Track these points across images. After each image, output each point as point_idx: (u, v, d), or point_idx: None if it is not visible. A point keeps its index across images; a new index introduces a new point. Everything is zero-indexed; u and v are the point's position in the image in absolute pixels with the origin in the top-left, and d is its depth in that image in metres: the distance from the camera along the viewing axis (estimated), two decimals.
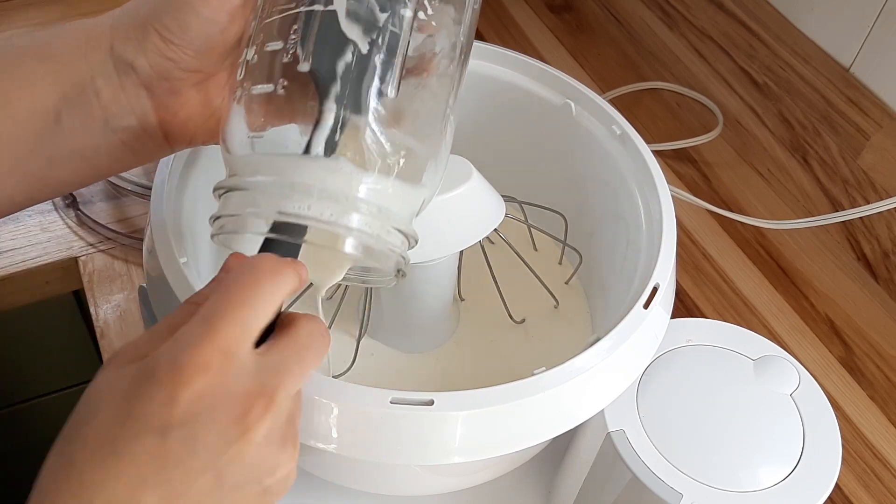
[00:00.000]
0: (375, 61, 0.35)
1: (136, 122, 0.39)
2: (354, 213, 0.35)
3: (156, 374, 0.30)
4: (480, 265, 0.55)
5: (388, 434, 0.40)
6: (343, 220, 0.35)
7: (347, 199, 0.35)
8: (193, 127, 0.40)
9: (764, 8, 0.79)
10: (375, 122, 0.35)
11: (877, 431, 0.65)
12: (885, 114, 0.70)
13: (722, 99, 0.87)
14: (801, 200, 0.80)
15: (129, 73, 0.38)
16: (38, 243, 0.71)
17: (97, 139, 0.39)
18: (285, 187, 0.35)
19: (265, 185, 0.35)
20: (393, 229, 0.36)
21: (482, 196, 0.49)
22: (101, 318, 0.68)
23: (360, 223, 0.35)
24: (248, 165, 0.36)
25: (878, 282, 0.74)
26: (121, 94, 0.39)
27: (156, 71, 0.38)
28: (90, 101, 0.38)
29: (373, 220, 0.35)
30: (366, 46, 0.35)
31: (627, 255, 0.52)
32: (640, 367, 0.46)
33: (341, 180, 0.35)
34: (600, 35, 0.99)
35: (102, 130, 0.39)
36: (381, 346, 0.55)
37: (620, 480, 0.45)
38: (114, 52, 0.38)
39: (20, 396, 0.89)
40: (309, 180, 0.35)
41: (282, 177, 0.35)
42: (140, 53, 0.38)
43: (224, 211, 0.36)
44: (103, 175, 0.42)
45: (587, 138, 0.56)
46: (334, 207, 0.34)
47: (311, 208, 0.34)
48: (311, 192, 0.34)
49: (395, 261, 0.37)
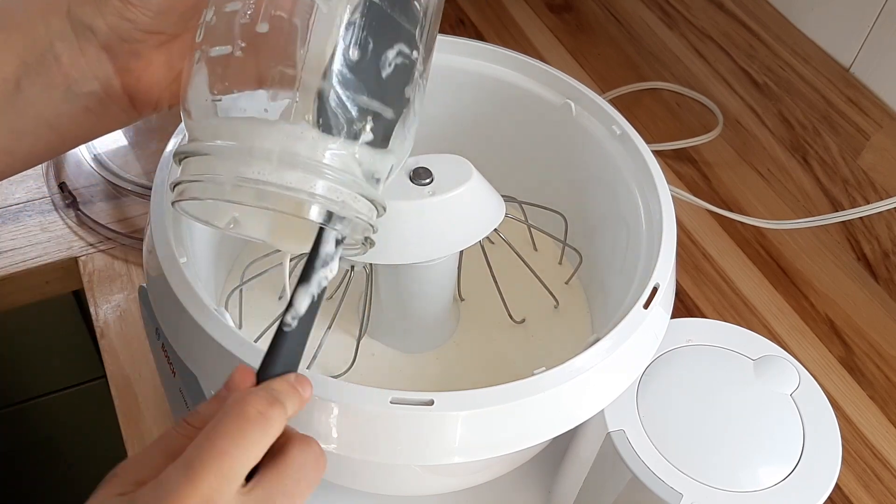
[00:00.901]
0: (338, 21, 0.34)
1: (99, 86, 0.39)
2: (318, 180, 0.34)
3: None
4: (480, 265, 0.55)
5: (388, 434, 0.40)
6: (306, 186, 0.34)
7: (311, 165, 0.34)
8: (158, 90, 0.40)
9: (764, 8, 0.79)
10: (339, 86, 0.34)
11: (877, 431, 0.65)
12: (885, 114, 0.70)
13: (722, 99, 0.87)
14: (801, 200, 0.80)
15: (88, 37, 0.37)
16: (38, 243, 0.71)
17: (60, 106, 0.39)
18: (245, 153, 0.33)
19: (225, 150, 0.34)
20: (360, 196, 0.35)
21: (482, 196, 0.49)
22: (101, 318, 0.67)
23: (325, 189, 0.34)
24: (208, 130, 0.35)
25: (878, 282, 0.74)
26: (81, 58, 0.38)
27: (115, 33, 0.37)
28: (50, 66, 0.38)
29: (338, 187, 0.34)
30: (326, 6, 0.34)
31: (627, 255, 0.52)
32: (640, 367, 0.46)
33: (304, 145, 0.34)
34: (600, 35, 0.99)
35: (65, 96, 0.38)
36: (381, 346, 0.55)
37: (620, 480, 0.45)
38: (71, 14, 0.37)
39: (20, 396, 0.89)
40: (270, 145, 0.33)
41: (242, 142, 0.34)
42: (98, 15, 0.37)
43: (183, 176, 0.35)
44: (71, 144, 0.41)
45: (587, 138, 0.56)
46: (296, 174, 0.33)
47: (271, 174, 0.33)
48: (271, 157, 0.33)
49: (363, 228, 0.36)
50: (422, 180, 0.47)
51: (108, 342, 0.66)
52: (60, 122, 0.39)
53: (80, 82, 0.38)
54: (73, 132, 0.40)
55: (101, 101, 0.39)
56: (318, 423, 0.40)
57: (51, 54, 0.38)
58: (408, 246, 0.47)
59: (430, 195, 0.46)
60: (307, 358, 0.51)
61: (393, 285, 0.52)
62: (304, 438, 0.33)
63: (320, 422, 0.40)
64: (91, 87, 0.39)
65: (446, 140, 0.61)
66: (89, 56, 0.38)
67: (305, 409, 0.40)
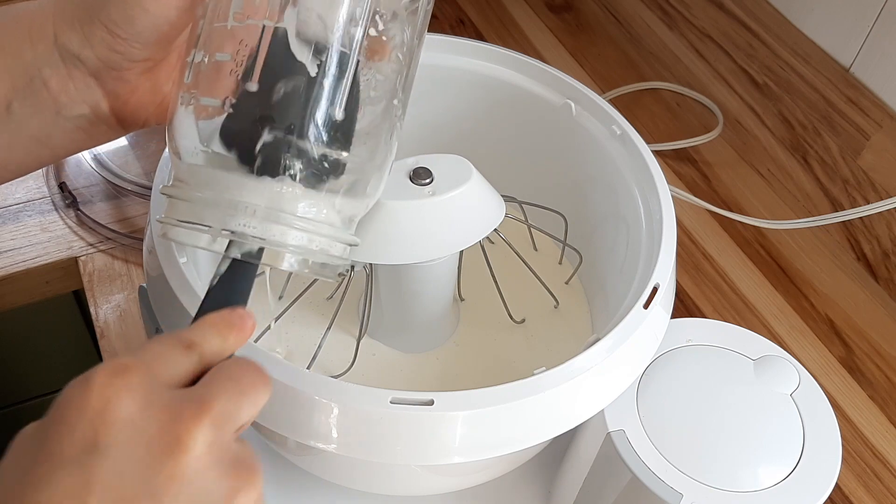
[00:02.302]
0: (324, 84, 0.35)
1: (89, 110, 0.39)
2: (298, 233, 0.36)
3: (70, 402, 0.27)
4: (480, 265, 0.55)
5: (388, 434, 0.40)
6: (287, 240, 0.35)
7: (291, 218, 0.35)
8: (146, 113, 0.40)
9: (764, 8, 0.79)
10: (321, 144, 0.36)
11: (877, 431, 0.65)
12: (885, 114, 0.70)
13: (722, 99, 0.87)
14: (801, 200, 0.80)
15: (76, 64, 0.38)
16: (38, 243, 0.71)
17: (50, 126, 0.39)
18: (230, 206, 0.35)
19: (212, 201, 0.35)
20: (336, 242, 0.37)
21: (482, 196, 0.49)
22: (101, 318, 0.67)
23: (304, 240, 0.36)
24: (196, 176, 0.36)
25: (878, 282, 0.74)
26: (69, 83, 0.38)
27: (103, 62, 0.38)
28: (39, 91, 0.38)
29: (316, 237, 0.36)
30: (314, 69, 0.35)
31: (627, 255, 0.52)
32: (640, 367, 0.46)
33: (286, 200, 0.35)
34: (600, 35, 0.99)
35: (55, 119, 0.39)
36: (381, 346, 0.55)
37: (620, 480, 0.45)
38: (58, 42, 0.38)
39: (20, 396, 0.89)
40: (254, 200, 0.35)
41: (228, 194, 0.35)
42: (86, 45, 0.37)
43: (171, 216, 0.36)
44: (63, 156, 0.42)
45: (587, 138, 0.56)
46: (279, 227, 0.35)
47: (255, 228, 0.35)
48: (255, 212, 0.35)
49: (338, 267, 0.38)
50: (422, 180, 0.47)
51: (108, 342, 0.66)
52: (51, 140, 0.40)
53: (69, 106, 0.39)
54: (63, 147, 0.41)
55: (91, 122, 0.40)
56: (318, 424, 0.40)
57: (39, 80, 0.38)
58: (408, 246, 0.47)
59: (430, 195, 0.46)
60: (307, 358, 0.51)
61: (393, 285, 0.52)
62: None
63: (320, 422, 0.40)
64: (80, 111, 0.39)
65: (446, 140, 0.61)
66: (77, 82, 0.38)
67: (306, 409, 0.40)
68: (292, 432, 0.41)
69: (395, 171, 0.47)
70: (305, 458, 0.50)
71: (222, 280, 0.35)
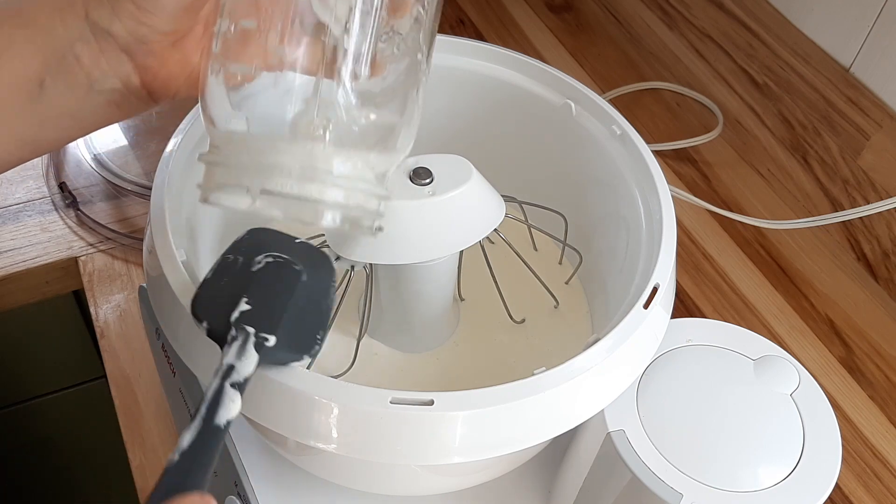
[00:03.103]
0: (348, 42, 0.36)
1: (120, 84, 0.40)
2: (335, 189, 0.36)
3: None
4: (480, 265, 0.55)
5: (388, 434, 0.39)
6: (325, 197, 0.36)
7: (327, 176, 0.36)
8: (175, 84, 0.41)
9: (764, 8, 0.79)
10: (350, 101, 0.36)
11: (877, 431, 0.65)
12: (885, 114, 0.70)
13: (722, 99, 0.87)
14: (801, 200, 0.80)
15: (107, 38, 0.38)
16: (38, 243, 0.71)
17: (83, 101, 0.40)
18: (267, 168, 0.36)
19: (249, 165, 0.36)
20: (372, 196, 0.38)
21: (482, 196, 0.49)
22: (101, 318, 0.68)
23: (341, 197, 0.36)
24: (231, 142, 0.37)
25: (878, 282, 0.74)
26: (101, 58, 0.39)
27: (132, 36, 0.38)
28: (72, 66, 0.38)
29: (353, 193, 0.37)
30: (338, 28, 0.36)
31: (627, 255, 0.52)
32: (640, 367, 0.46)
33: (320, 159, 0.36)
34: (600, 35, 0.99)
35: (87, 93, 0.39)
36: (381, 346, 0.55)
37: (620, 480, 0.45)
38: (89, 18, 0.38)
39: (20, 396, 0.89)
40: (289, 161, 0.36)
41: (263, 158, 0.36)
42: (115, 19, 0.38)
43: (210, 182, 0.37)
44: (92, 130, 0.42)
45: (587, 138, 0.56)
46: (315, 186, 0.36)
47: (293, 187, 0.35)
48: (291, 172, 0.35)
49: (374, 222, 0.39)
50: (422, 180, 0.47)
51: (108, 342, 0.66)
52: (83, 114, 0.40)
53: (101, 81, 0.39)
54: (93, 121, 0.41)
55: (122, 96, 0.40)
56: (318, 424, 0.40)
57: (72, 55, 0.38)
58: (408, 246, 0.47)
59: (430, 195, 0.46)
60: None
61: (393, 285, 0.52)
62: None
63: (320, 422, 0.40)
64: (112, 85, 0.40)
65: (446, 140, 0.61)
66: (109, 56, 0.39)
67: (306, 409, 0.40)
68: (292, 432, 0.41)
69: (395, 171, 0.47)
70: (305, 458, 0.50)
71: (184, 455, 0.34)
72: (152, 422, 0.62)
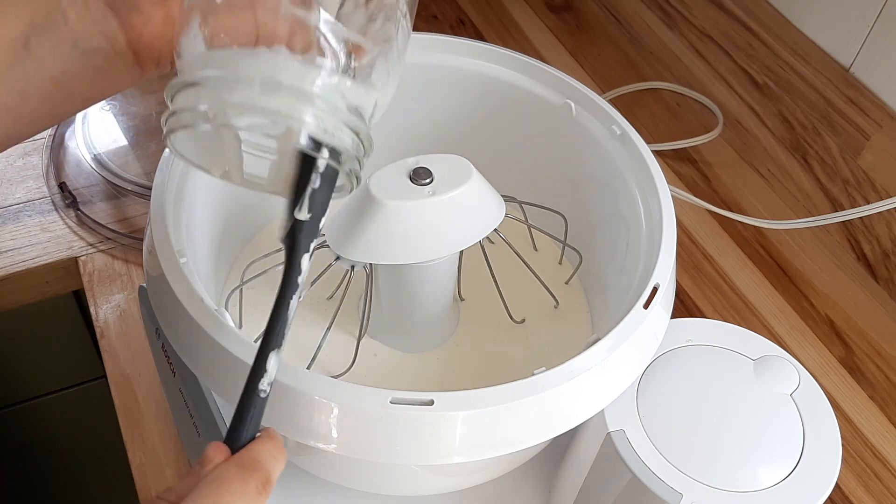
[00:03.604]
0: None
1: (106, 42, 0.40)
2: (302, 104, 0.35)
3: None
4: (480, 265, 0.55)
5: (388, 434, 0.40)
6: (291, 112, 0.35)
7: (294, 90, 0.35)
8: (160, 45, 0.41)
9: (764, 8, 0.79)
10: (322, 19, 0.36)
11: (877, 431, 0.65)
12: (885, 114, 0.70)
13: (722, 99, 0.87)
14: (801, 200, 0.80)
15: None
16: (38, 243, 0.71)
17: (67, 63, 0.39)
18: (229, 80, 0.35)
19: (212, 79, 0.35)
20: (344, 126, 0.36)
21: (482, 196, 0.49)
22: (101, 318, 0.68)
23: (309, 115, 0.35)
24: (197, 63, 0.37)
25: (878, 282, 0.74)
26: (87, 14, 0.39)
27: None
28: (58, 24, 0.39)
29: (322, 115, 0.35)
30: None
31: (627, 255, 0.52)
32: (640, 367, 0.46)
33: (288, 74, 0.35)
34: (600, 35, 0.99)
35: (72, 53, 0.39)
36: (381, 346, 0.55)
37: (620, 480, 0.45)
38: None
39: (20, 396, 0.89)
40: (255, 73, 0.35)
41: (228, 70, 0.35)
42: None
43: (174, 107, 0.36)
44: (78, 104, 0.42)
45: (587, 138, 0.56)
46: (280, 99, 0.35)
47: (257, 99, 0.35)
48: (253, 83, 0.35)
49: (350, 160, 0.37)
50: (422, 180, 0.47)
51: (108, 342, 0.66)
52: (67, 80, 0.40)
53: (86, 38, 0.39)
54: (79, 91, 0.41)
55: (107, 58, 0.40)
56: (318, 424, 0.40)
57: (58, 12, 0.39)
58: (408, 246, 0.47)
59: (430, 195, 0.46)
60: (307, 358, 0.51)
61: (393, 285, 0.52)
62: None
63: (320, 422, 0.40)
64: (97, 43, 0.40)
65: (446, 140, 0.61)
66: (95, 13, 0.39)
67: (306, 409, 0.40)
68: (292, 432, 0.41)
69: (395, 172, 0.47)
70: (305, 458, 0.50)
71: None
72: (152, 422, 0.62)
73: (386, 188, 0.46)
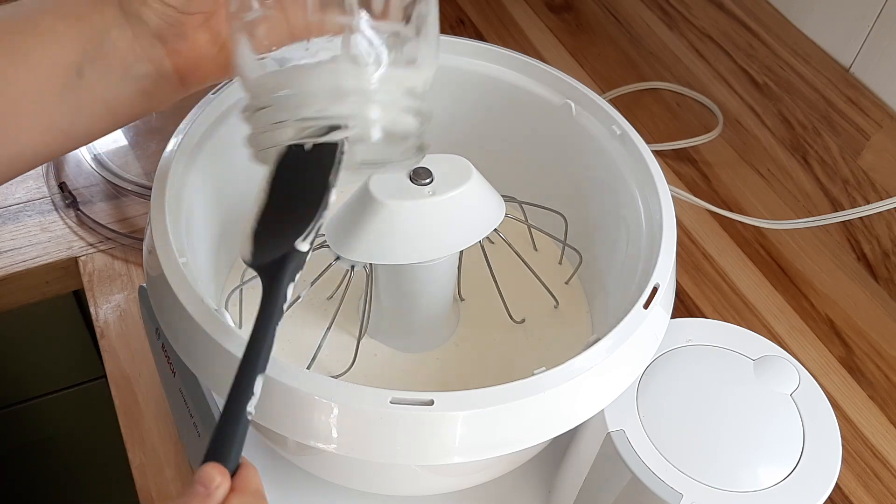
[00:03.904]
0: None
1: (153, 69, 0.42)
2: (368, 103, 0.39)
3: None
4: (480, 265, 0.55)
5: (388, 434, 0.40)
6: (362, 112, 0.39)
7: (356, 93, 0.39)
8: (206, 66, 0.43)
9: (764, 8, 0.79)
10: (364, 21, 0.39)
11: (877, 431, 0.65)
12: (885, 114, 0.70)
13: (722, 99, 0.87)
14: (801, 200, 0.80)
15: (140, 24, 0.40)
16: (38, 243, 0.71)
17: (117, 88, 0.42)
18: (300, 96, 0.39)
19: (283, 99, 0.39)
20: (403, 112, 0.40)
21: (482, 196, 0.49)
22: (101, 318, 0.67)
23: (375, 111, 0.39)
24: (264, 86, 0.40)
25: (878, 282, 0.74)
26: (135, 44, 0.41)
27: (162, 19, 0.40)
28: (108, 53, 0.40)
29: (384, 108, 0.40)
30: None
31: (627, 255, 0.52)
32: (640, 367, 0.46)
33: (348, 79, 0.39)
34: (600, 35, 0.99)
35: (122, 80, 0.41)
36: (381, 347, 0.55)
37: (620, 480, 0.45)
38: (122, 6, 0.40)
39: (20, 396, 0.89)
40: (320, 84, 0.39)
41: (295, 87, 0.39)
42: (143, 5, 0.40)
43: (254, 129, 0.40)
44: (123, 123, 0.44)
45: (587, 138, 0.56)
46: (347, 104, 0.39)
47: (327, 109, 0.39)
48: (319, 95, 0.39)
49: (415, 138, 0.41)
50: (422, 180, 0.47)
51: (108, 342, 0.66)
52: (116, 103, 0.42)
53: (135, 66, 0.41)
54: (126, 112, 0.43)
55: (154, 83, 0.42)
56: (318, 424, 0.40)
57: (109, 42, 0.40)
58: (408, 246, 0.47)
59: (430, 195, 0.46)
60: (307, 358, 0.51)
61: (393, 285, 0.52)
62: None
63: (320, 422, 0.40)
64: (146, 70, 0.41)
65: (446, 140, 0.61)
66: (143, 41, 0.41)
67: (306, 409, 0.40)
68: (292, 432, 0.41)
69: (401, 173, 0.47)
70: (305, 458, 0.50)
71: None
72: (152, 422, 0.62)
73: (386, 188, 0.46)
